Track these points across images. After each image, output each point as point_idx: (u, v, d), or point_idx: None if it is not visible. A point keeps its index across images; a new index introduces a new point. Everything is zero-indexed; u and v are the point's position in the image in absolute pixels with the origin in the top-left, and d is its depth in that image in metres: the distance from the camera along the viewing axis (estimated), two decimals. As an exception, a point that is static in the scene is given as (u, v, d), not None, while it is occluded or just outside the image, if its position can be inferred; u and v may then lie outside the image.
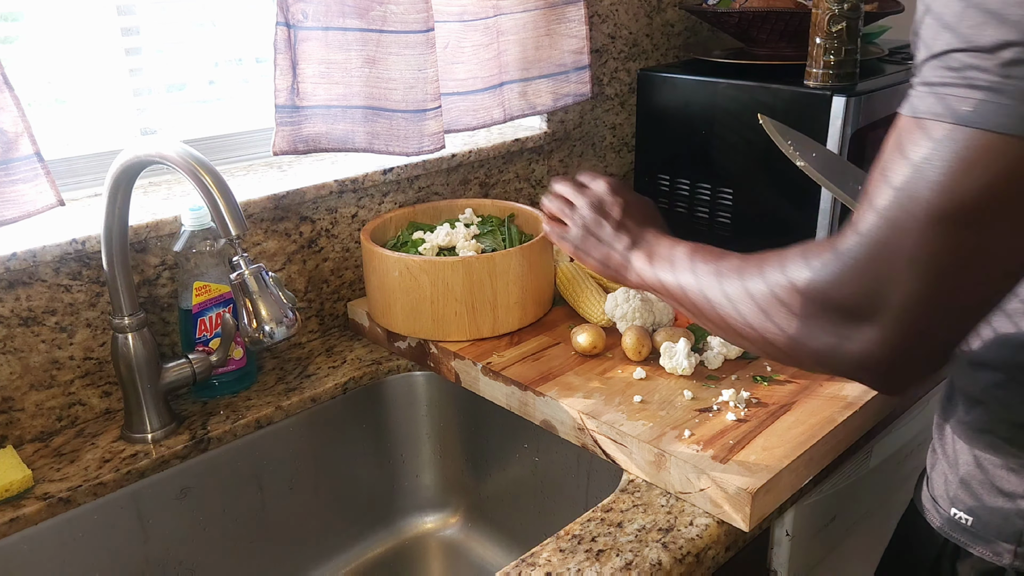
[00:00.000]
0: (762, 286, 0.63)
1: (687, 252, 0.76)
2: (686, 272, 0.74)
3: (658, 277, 0.77)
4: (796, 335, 0.60)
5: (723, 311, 0.67)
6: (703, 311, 0.70)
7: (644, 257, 0.80)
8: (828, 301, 0.57)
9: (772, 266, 0.62)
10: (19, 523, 0.83)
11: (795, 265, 0.60)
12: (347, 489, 1.10)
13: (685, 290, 0.73)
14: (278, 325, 0.80)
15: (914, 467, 1.14)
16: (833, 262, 0.56)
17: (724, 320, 0.67)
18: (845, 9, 1.12)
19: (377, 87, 1.10)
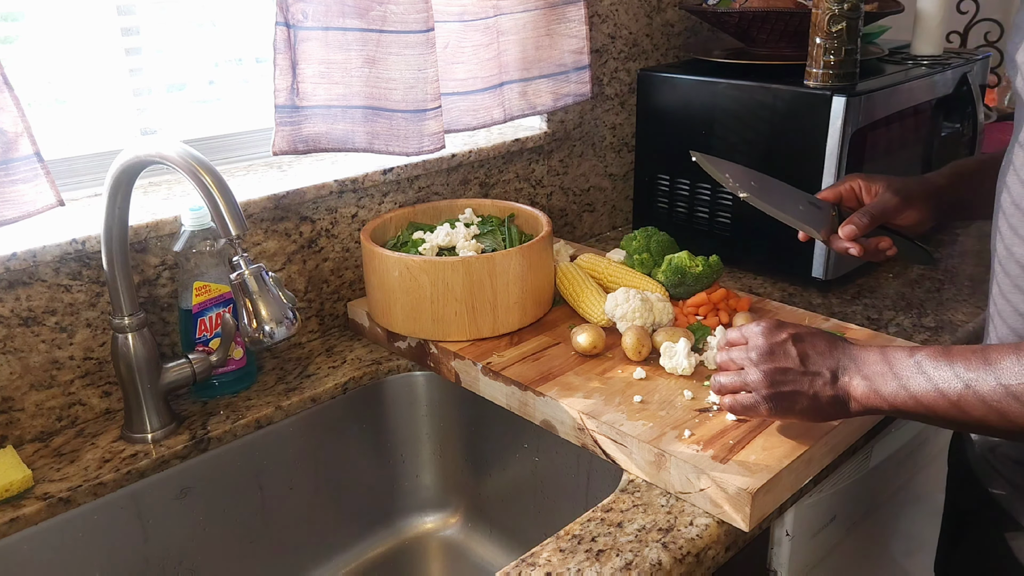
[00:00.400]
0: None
1: (905, 353, 0.70)
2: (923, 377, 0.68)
3: (899, 396, 0.70)
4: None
5: (991, 401, 0.64)
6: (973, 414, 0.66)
7: (861, 380, 0.72)
8: None
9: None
10: (19, 523, 0.83)
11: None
12: (347, 489, 1.10)
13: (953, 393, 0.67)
14: (278, 325, 0.80)
15: (914, 467, 1.14)
16: None
17: (992, 410, 0.64)
18: (845, 9, 1.12)
19: (377, 87, 1.11)
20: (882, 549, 1.16)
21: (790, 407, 0.76)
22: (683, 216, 1.39)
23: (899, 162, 1.29)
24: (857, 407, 0.73)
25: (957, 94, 1.33)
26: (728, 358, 0.80)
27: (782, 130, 1.22)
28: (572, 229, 1.53)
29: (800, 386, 0.74)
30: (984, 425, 0.66)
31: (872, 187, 0.96)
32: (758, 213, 1.28)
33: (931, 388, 0.67)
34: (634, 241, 1.21)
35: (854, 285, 1.28)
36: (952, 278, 1.30)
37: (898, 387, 0.69)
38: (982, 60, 1.41)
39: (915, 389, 0.68)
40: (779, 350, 0.76)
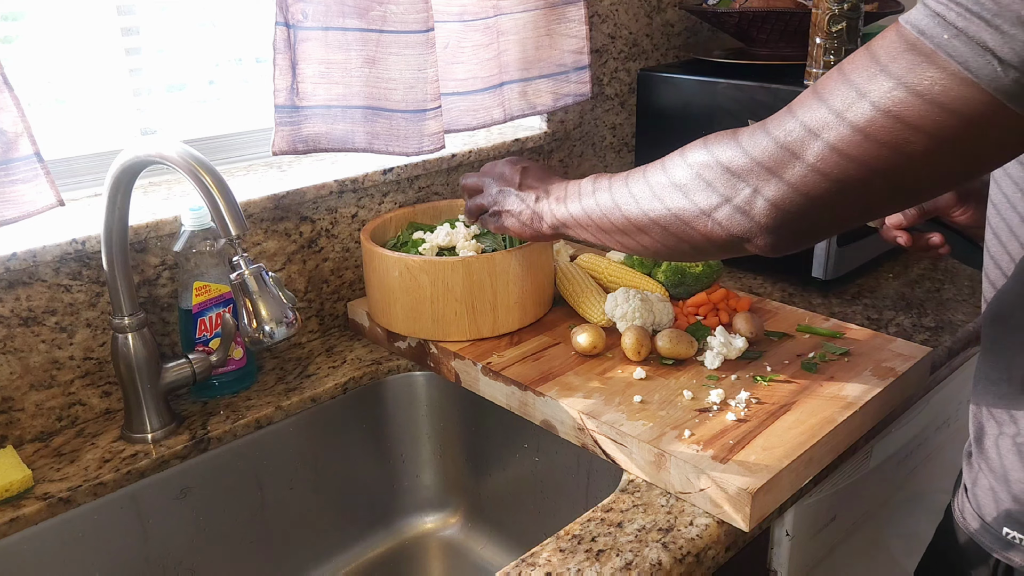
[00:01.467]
0: (661, 175, 0.71)
1: (587, 180, 0.82)
2: (590, 196, 0.80)
3: (568, 212, 0.84)
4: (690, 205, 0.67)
5: (628, 211, 0.74)
6: (612, 220, 0.76)
7: (552, 202, 0.87)
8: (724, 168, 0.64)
9: (672, 158, 0.71)
10: (19, 523, 0.83)
11: (697, 150, 0.68)
12: (347, 489, 1.10)
13: (594, 210, 0.78)
14: (278, 325, 0.80)
15: (914, 467, 1.14)
16: (764, 137, 0.61)
17: (629, 220, 0.74)
18: (845, 9, 1.12)
19: (377, 87, 1.11)
20: (882, 549, 1.16)
21: (505, 221, 0.95)
22: (683, 216, 1.39)
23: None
24: (547, 226, 0.88)
25: (957, 94, 1.33)
26: (476, 180, 1.01)
27: (782, 130, 1.21)
28: (572, 229, 1.53)
29: (512, 205, 0.93)
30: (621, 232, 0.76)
31: None
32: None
33: (592, 205, 0.79)
34: (634, 241, 1.21)
35: (854, 285, 1.28)
36: (952, 278, 1.30)
37: (565, 209, 0.84)
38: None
39: (573, 209, 0.82)
40: (509, 176, 0.95)
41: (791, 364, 0.97)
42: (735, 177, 0.63)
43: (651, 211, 0.71)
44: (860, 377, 0.93)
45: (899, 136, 0.53)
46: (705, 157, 0.67)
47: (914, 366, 0.96)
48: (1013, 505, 0.69)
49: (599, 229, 0.78)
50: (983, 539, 0.72)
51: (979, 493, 0.73)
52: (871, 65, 0.54)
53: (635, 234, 0.74)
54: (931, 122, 0.51)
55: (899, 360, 0.97)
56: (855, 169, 0.56)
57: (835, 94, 0.56)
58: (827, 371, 0.95)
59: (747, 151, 0.63)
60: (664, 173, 0.70)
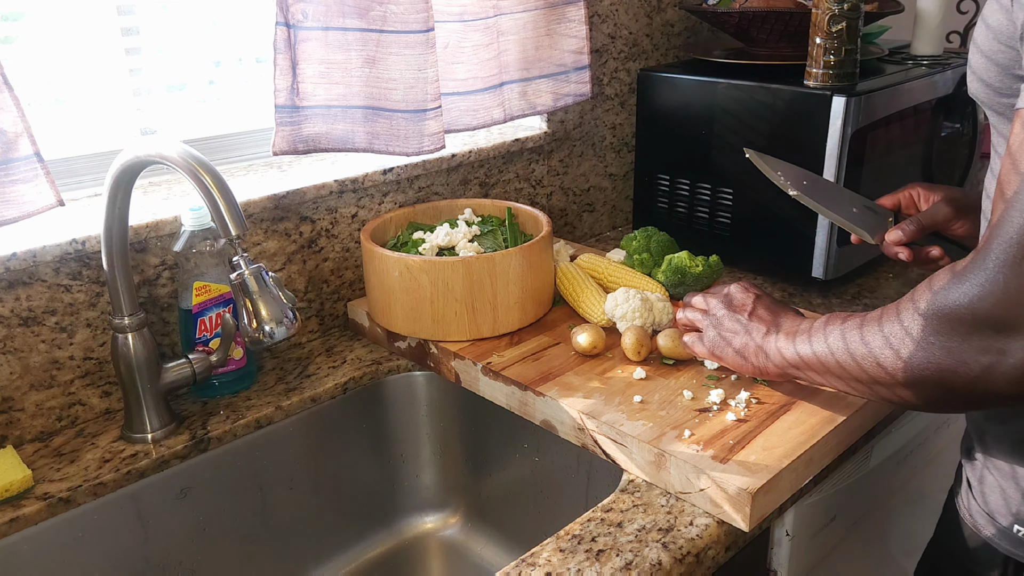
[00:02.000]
0: (895, 323, 0.64)
1: (821, 321, 0.76)
2: (820, 339, 0.74)
3: (797, 352, 0.77)
4: (916, 362, 0.60)
5: (864, 362, 0.67)
6: (846, 370, 0.70)
7: (781, 338, 0.81)
8: (972, 318, 0.56)
9: (905, 302, 0.64)
10: (19, 523, 0.83)
11: (920, 293, 0.61)
12: (347, 489, 1.10)
13: (825, 355, 0.73)
14: (278, 325, 0.80)
15: (914, 467, 1.14)
16: (971, 275, 0.56)
17: (866, 372, 0.67)
18: (845, 9, 1.12)
19: (377, 87, 1.10)
20: (882, 549, 1.16)
21: (725, 347, 0.87)
22: (683, 216, 1.39)
23: (899, 162, 1.29)
24: (772, 365, 0.82)
25: (957, 94, 1.33)
26: (702, 299, 0.93)
27: (782, 130, 1.22)
28: (572, 229, 1.53)
29: (738, 332, 0.86)
30: (853, 379, 0.70)
31: (930, 196, 0.96)
32: (758, 213, 1.29)
33: (823, 349, 0.74)
34: (634, 241, 1.21)
35: (854, 285, 1.28)
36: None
37: (794, 349, 0.78)
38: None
39: (813, 348, 0.75)
40: (740, 301, 0.88)
41: (791, 364, 0.97)
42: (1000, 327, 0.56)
43: (913, 361, 0.63)
44: (860, 377, 0.93)
45: None
46: (929, 302, 0.60)
47: (914, 366, 0.96)
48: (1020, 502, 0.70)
49: (842, 375, 0.72)
50: (993, 537, 0.72)
51: (987, 491, 0.73)
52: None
53: (895, 387, 0.65)
54: None
55: (899, 360, 0.97)
56: None
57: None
58: (827, 371, 0.95)
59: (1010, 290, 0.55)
60: (897, 321, 0.64)
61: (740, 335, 0.86)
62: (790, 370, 0.80)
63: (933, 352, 0.60)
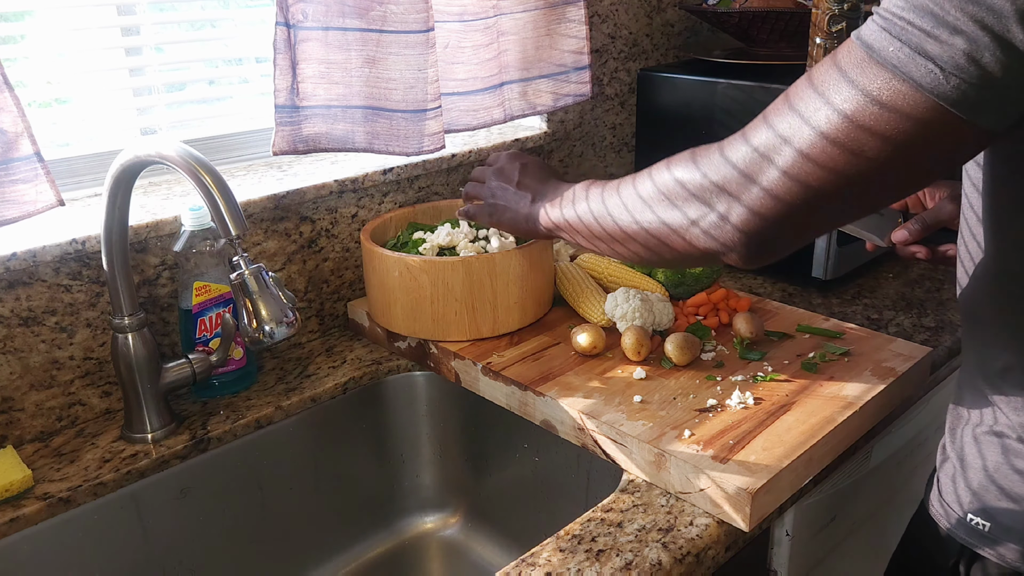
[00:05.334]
0: (632, 190, 0.74)
1: (581, 185, 0.83)
2: (583, 202, 0.81)
3: (563, 215, 0.84)
4: (666, 217, 0.69)
5: (604, 221, 0.76)
6: (603, 226, 0.77)
7: (547, 204, 0.88)
8: (699, 186, 0.66)
9: (642, 173, 0.74)
10: (19, 523, 0.83)
11: (661, 168, 0.72)
12: (347, 489, 1.10)
13: (586, 216, 0.80)
14: (278, 325, 0.80)
15: (914, 467, 1.14)
16: (720, 160, 0.65)
17: (605, 230, 0.76)
18: (845, 9, 1.12)
19: (377, 87, 1.11)
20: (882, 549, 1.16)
21: (500, 216, 0.94)
22: (683, 216, 1.39)
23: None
24: (542, 228, 0.88)
25: (957, 94, 1.33)
26: (480, 171, 1.00)
27: (782, 130, 1.21)
28: (572, 229, 1.52)
29: (509, 201, 0.93)
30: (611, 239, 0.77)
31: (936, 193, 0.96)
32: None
33: (584, 210, 0.80)
34: (634, 241, 1.21)
35: (854, 285, 1.28)
36: (952, 278, 1.30)
37: (559, 212, 0.84)
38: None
39: (572, 212, 0.82)
40: (509, 173, 0.95)
41: (791, 364, 0.97)
42: (716, 189, 0.65)
43: (640, 219, 0.73)
44: (860, 377, 0.93)
45: (860, 141, 0.56)
46: (689, 169, 0.68)
47: (914, 366, 0.96)
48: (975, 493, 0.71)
49: (592, 235, 0.80)
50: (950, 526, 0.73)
51: (948, 483, 0.75)
52: (834, 73, 0.57)
53: (626, 241, 0.75)
54: (887, 127, 0.54)
55: (899, 360, 0.97)
56: (822, 174, 0.58)
57: (803, 101, 0.59)
58: (827, 371, 0.95)
59: (729, 159, 0.65)
60: (652, 183, 0.72)
61: (512, 203, 0.93)
62: (556, 232, 0.87)
63: (659, 210, 0.70)
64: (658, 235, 0.71)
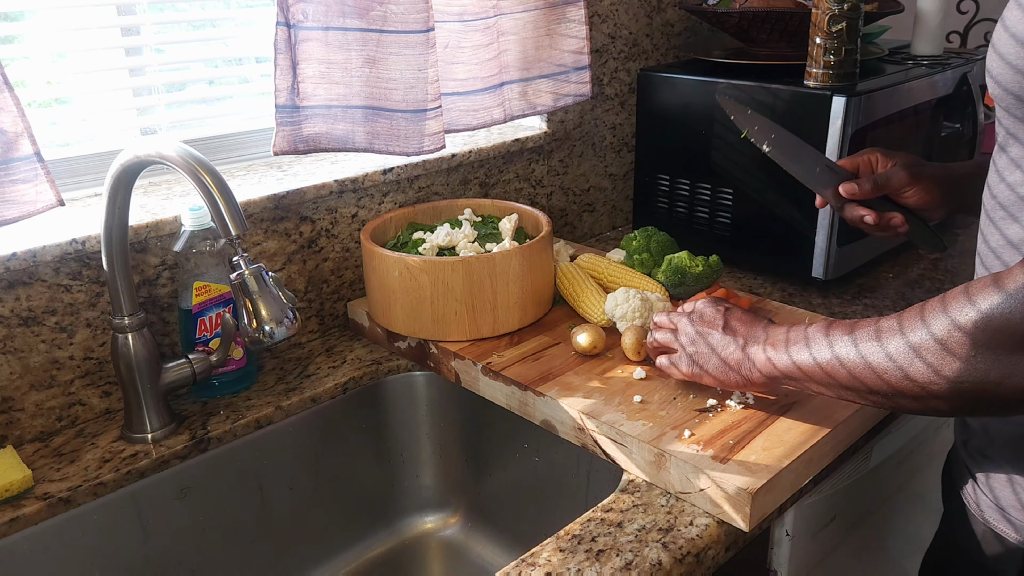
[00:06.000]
0: (925, 335, 0.63)
1: (818, 329, 0.74)
2: (824, 347, 0.72)
3: (793, 360, 0.75)
4: (959, 376, 0.60)
5: (888, 375, 0.66)
6: (861, 380, 0.68)
7: (767, 347, 0.78)
8: (997, 335, 0.58)
9: (934, 313, 0.63)
10: (19, 523, 0.83)
11: (959, 306, 0.61)
12: (347, 489, 1.10)
13: (831, 364, 0.71)
14: (278, 325, 0.80)
15: (914, 467, 1.14)
16: (1001, 296, 0.57)
17: (889, 384, 0.66)
18: (845, 9, 1.12)
19: (377, 87, 1.11)
20: (882, 549, 1.16)
21: (704, 364, 0.85)
22: (683, 216, 1.39)
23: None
24: (758, 374, 0.79)
25: (957, 94, 1.33)
26: (668, 319, 0.91)
27: (782, 130, 1.22)
28: (572, 229, 1.53)
29: (715, 347, 0.84)
30: (869, 391, 0.69)
31: (887, 161, 0.97)
32: (758, 213, 1.29)
33: (828, 358, 0.71)
34: (634, 241, 1.21)
35: (854, 285, 1.28)
36: (952, 278, 1.30)
37: (788, 357, 0.76)
38: (982, 60, 1.41)
39: (814, 357, 0.73)
40: (711, 317, 0.86)
41: (791, 364, 0.97)
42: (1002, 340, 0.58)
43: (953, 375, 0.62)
44: (860, 377, 0.93)
45: None
46: (975, 318, 0.60)
47: (914, 366, 0.96)
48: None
49: (838, 385, 0.71)
50: (1008, 532, 0.72)
51: (995, 485, 0.73)
52: None
53: (926, 399, 0.65)
54: None
55: (899, 360, 0.97)
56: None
57: None
58: (827, 371, 0.95)
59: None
60: (928, 333, 0.63)
61: (719, 349, 0.83)
62: (782, 380, 0.78)
63: (977, 365, 0.60)
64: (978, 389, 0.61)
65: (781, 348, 0.77)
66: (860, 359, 0.68)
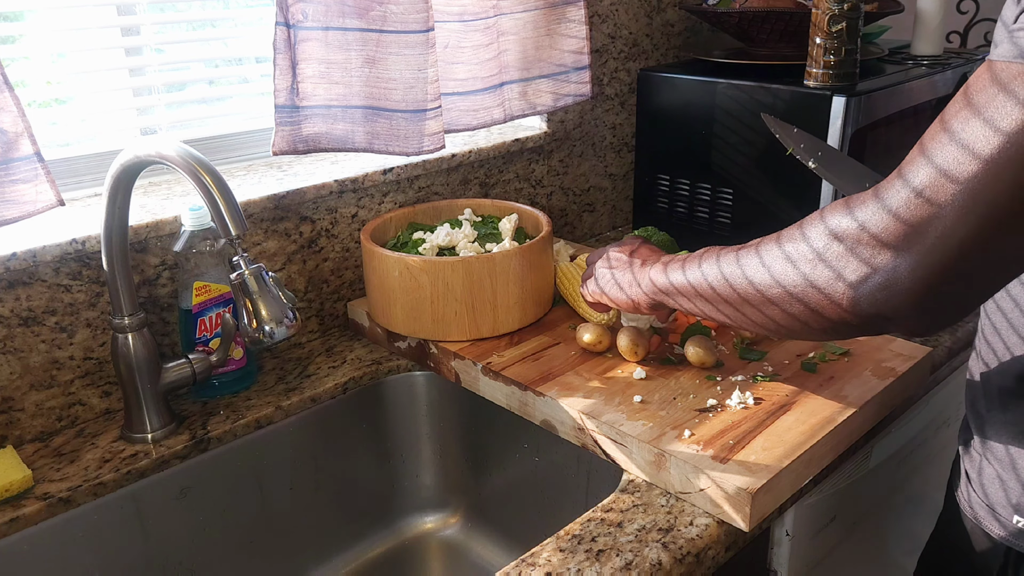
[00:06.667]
0: (803, 245, 0.63)
1: (706, 250, 0.77)
2: (695, 266, 0.75)
3: (669, 280, 0.80)
4: (818, 276, 0.61)
5: (737, 282, 0.69)
6: (735, 289, 0.70)
7: (656, 268, 0.83)
8: (856, 236, 0.58)
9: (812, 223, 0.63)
10: (19, 523, 0.83)
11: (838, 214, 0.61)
12: (347, 489, 1.10)
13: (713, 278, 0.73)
14: (278, 325, 0.80)
15: (914, 467, 1.14)
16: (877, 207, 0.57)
17: (737, 292, 0.69)
18: (845, 9, 1.12)
19: (377, 87, 1.11)
20: (882, 549, 1.17)
21: (603, 285, 0.92)
22: (683, 216, 1.39)
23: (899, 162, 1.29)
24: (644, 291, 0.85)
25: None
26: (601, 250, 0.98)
27: (782, 130, 1.22)
28: (572, 229, 1.53)
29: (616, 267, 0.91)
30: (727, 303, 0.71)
31: None
32: (758, 213, 1.29)
33: (697, 275, 0.75)
34: (634, 241, 1.21)
35: (854, 285, 1.28)
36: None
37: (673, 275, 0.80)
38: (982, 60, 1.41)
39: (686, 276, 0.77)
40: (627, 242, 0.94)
41: (791, 364, 0.97)
42: (875, 243, 0.58)
43: (783, 280, 0.64)
44: (860, 377, 0.93)
45: None
46: (844, 219, 0.60)
47: (914, 366, 0.96)
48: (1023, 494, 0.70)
49: (718, 298, 0.72)
50: (994, 528, 0.73)
51: (986, 483, 0.74)
52: (992, 90, 0.52)
53: (762, 306, 0.67)
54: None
55: (899, 360, 0.97)
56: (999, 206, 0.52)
57: (963, 125, 0.53)
58: (827, 371, 0.95)
59: (887, 206, 0.57)
60: (802, 238, 0.64)
61: (621, 271, 0.90)
62: (659, 296, 0.82)
63: (811, 267, 0.62)
64: (805, 299, 0.63)
65: (672, 266, 0.80)
66: (719, 273, 0.72)
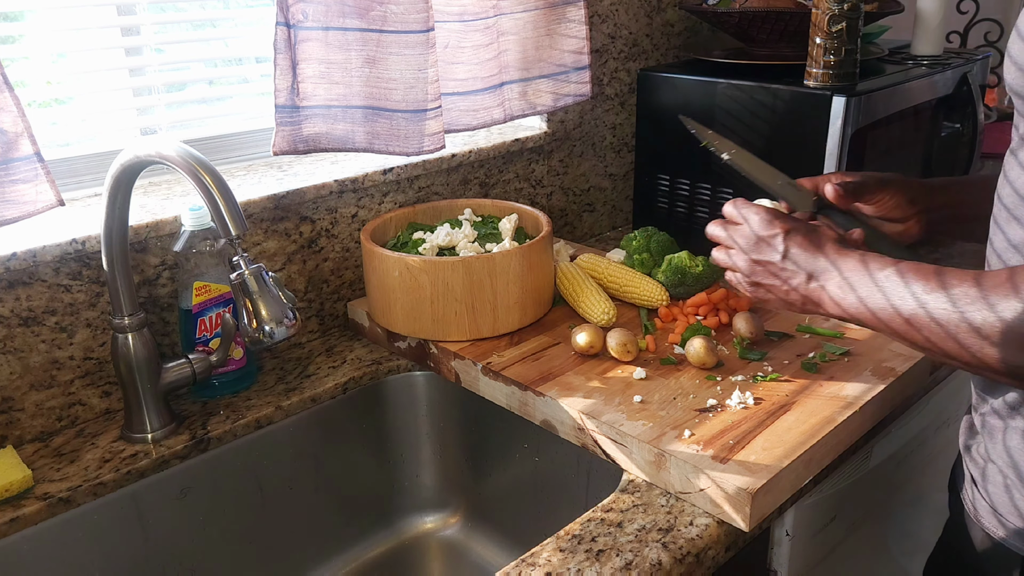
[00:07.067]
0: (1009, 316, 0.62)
1: (896, 273, 0.72)
2: (904, 295, 0.70)
3: (866, 305, 0.73)
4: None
5: (962, 337, 0.65)
6: (927, 335, 0.68)
7: (834, 288, 0.76)
8: None
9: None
10: (19, 523, 0.83)
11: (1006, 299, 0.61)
12: (347, 489, 1.10)
13: (908, 316, 0.69)
14: (278, 325, 0.80)
15: (914, 467, 1.14)
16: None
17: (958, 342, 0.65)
18: (845, 9, 1.12)
19: (377, 87, 1.11)
20: (882, 549, 1.16)
21: (766, 296, 0.83)
22: (683, 216, 1.39)
23: (899, 162, 1.29)
24: (827, 311, 0.77)
25: (957, 94, 1.33)
26: (723, 234, 0.87)
27: (782, 130, 1.22)
28: (572, 229, 1.53)
29: (776, 281, 0.80)
30: (936, 348, 0.67)
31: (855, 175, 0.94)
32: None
33: (887, 304, 0.70)
34: (634, 241, 1.21)
35: (854, 285, 1.28)
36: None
37: (858, 300, 0.73)
38: (982, 60, 1.41)
39: (872, 303, 0.71)
40: (767, 243, 0.81)
41: (791, 364, 0.97)
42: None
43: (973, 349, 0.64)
44: (860, 377, 0.93)
45: None
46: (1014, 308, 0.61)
47: (914, 366, 0.96)
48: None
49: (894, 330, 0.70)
50: (1001, 534, 0.72)
51: (991, 488, 0.73)
52: None
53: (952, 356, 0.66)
54: None
55: (899, 360, 0.97)
56: None
57: None
58: (827, 371, 0.95)
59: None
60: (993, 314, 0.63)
61: (781, 285, 0.80)
62: (848, 319, 0.75)
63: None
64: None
65: (847, 287, 0.74)
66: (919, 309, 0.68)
